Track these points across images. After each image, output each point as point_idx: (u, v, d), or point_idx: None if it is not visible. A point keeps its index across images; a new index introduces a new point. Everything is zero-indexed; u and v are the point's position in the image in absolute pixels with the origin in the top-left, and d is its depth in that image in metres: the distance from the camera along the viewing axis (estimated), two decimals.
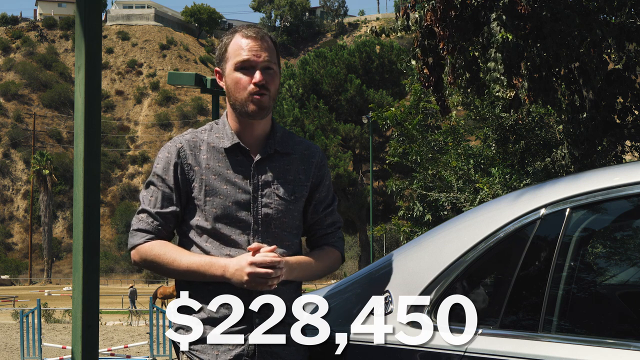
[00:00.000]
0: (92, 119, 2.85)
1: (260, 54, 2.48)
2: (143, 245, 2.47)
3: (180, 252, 2.45)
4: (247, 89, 2.47)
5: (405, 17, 7.74)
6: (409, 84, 14.67)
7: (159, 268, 2.46)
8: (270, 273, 2.33)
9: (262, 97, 2.47)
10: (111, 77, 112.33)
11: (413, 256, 2.55)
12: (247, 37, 2.50)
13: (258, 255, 2.35)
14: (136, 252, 2.49)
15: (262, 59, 2.48)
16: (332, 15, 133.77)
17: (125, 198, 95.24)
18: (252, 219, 2.46)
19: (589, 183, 2.23)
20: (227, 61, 2.51)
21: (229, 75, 2.51)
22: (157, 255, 2.45)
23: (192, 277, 2.42)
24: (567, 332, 2.13)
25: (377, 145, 39.50)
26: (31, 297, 42.00)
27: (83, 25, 2.85)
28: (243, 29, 2.54)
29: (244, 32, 2.52)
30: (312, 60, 42.17)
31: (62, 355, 15.06)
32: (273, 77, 2.50)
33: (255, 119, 2.50)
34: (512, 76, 7.06)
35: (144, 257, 2.47)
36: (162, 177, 2.51)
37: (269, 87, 2.48)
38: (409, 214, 14.44)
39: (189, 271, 2.41)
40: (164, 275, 2.51)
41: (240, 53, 2.48)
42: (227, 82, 2.52)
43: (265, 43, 2.50)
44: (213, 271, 2.38)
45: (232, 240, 2.45)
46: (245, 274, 2.34)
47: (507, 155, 12.34)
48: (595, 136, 8.52)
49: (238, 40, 2.51)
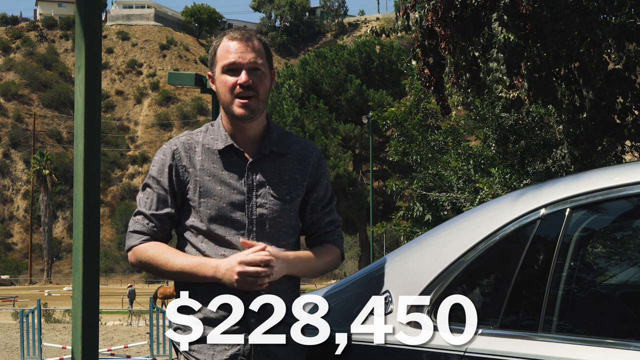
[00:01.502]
0: (92, 119, 2.86)
1: (245, 55, 2.49)
2: (138, 247, 2.49)
3: (174, 253, 2.47)
4: (233, 91, 2.48)
5: (405, 17, 7.74)
6: (409, 84, 14.67)
7: (153, 269, 2.48)
8: (260, 272, 2.33)
9: (249, 100, 2.48)
10: (111, 77, 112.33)
11: (413, 256, 2.55)
12: (233, 40, 2.52)
13: (248, 255, 2.36)
14: (132, 253, 2.51)
15: (247, 61, 2.49)
16: (332, 15, 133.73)
17: (125, 198, 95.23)
18: (247, 219, 2.47)
19: (589, 183, 2.23)
20: (216, 64, 2.54)
21: (218, 78, 2.53)
22: (151, 257, 2.47)
23: (185, 278, 2.43)
24: (567, 332, 2.13)
25: (377, 145, 39.47)
26: (31, 297, 41.99)
27: (83, 25, 2.85)
28: (230, 31, 2.56)
29: (231, 35, 2.53)
30: (312, 60, 42.13)
31: (62, 355, 15.05)
32: (261, 78, 2.50)
33: (244, 122, 2.51)
34: (513, 76, 7.06)
35: (139, 258, 2.49)
36: (157, 179, 2.53)
37: (257, 89, 2.49)
38: (409, 214, 14.44)
39: (181, 272, 2.42)
40: (158, 276, 2.53)
41: (227, 56, 2.50)
42: (217, 85, 2.55)
43: (252, 44, 2.51)
44: (204, 272, 2.39)
45: (227, 240, 2.46)
46: (235, 273, 2.34)
47: (507, 155, 12.34)
48: (595, 136, 8.52)
49: (225, 43, 2.53)
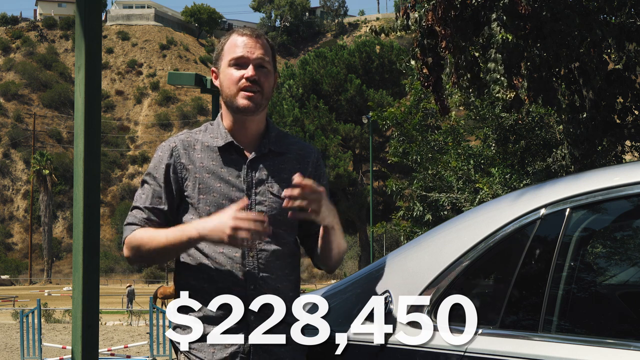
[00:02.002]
0: (92, 119, 2.85)
1: (254, 50, 2.51)
2: (129, 237, 2.49)
3: (159, 230, 2.46)
4: (239, 84, 2.50)
5: (405, 16, 7.74)
6: (409, 84, 14.67)
7: (144, 253, 2.46)
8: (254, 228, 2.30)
9: (255, 94, 2.49)
10: (111, 77, 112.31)
11: (413, 256, 2.55)
12: (242, 35, 2.55)
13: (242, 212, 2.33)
14: (125, 246, 2.51)
15: (255, 56, 2.51)
16: (332, 15, 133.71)
17: (125, 198, 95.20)
18: None
19: (589, 183, 2.22)
20: (223, 59, 2.56)
21: (223, 72, 2.54)
22: (139, 239, 2.46)
23: (173, 250, 2.42)
24: (567, 332, 2.13)
25: (377, 145, 39.46)
26: (31, 297, 41.99)
27: (83, 25, 2.85)
28: (240, 29, 2.59)
29: (240, 31, 2.57)
30: (312, 60, 42.13)
31: (62, 355, 15.05)
32: (267, 75, 2.53)
33: (247, 114, 2.51)
34: (512, 76, 7.05)
35: (130, 246, 2.48)
36: (154, 175, 2.54)
37: (262, 85, 2.50)
38: (409, 214, 14.44)
39: (168, 244, 2.41)
40: (151, 259, 2.49)
41: (235, 50, 2.53)
42: (221, 78, 2.55)
43: (261, 42, 2.54)
44: (188, 233, 2.37)
45: None
46: (227, 227, 2.31)
47: (507, 155, 12.34)
48: (595, 136, 8.51)
49: (234, 38, 2.56)
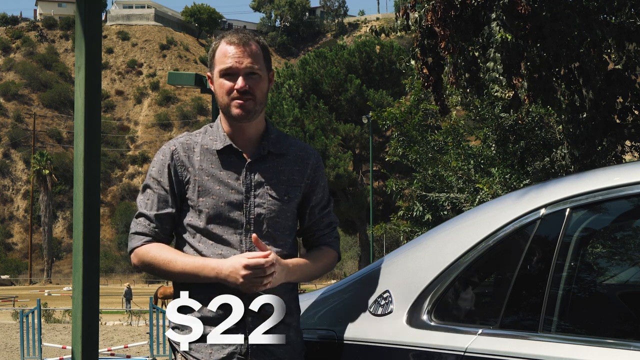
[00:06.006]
0: (92, 119, 2.85)
1: (242, 60, 2.50)
2: (141, 248, 2.51)
3: (175, 254, 2.48)
4: (231, 95, 2.51)
5: (405, 17, 7.73)
6: (409, 84, 14.67)
7: (155, 270, 2.50)
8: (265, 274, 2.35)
9: (247, 102, 2.50)
10: (111, 77, 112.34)
11: (413, 256, 2.55)
12: (230, 44, 2.53)
13: (252, 258, 2.36)
14: (134, 255, 2.52)
15: (244, 66, 2.50)
16: (332, 15, 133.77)
17: (125, 198, 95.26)
18: (245, 218, 2.48)
19: (589, 183, 2.22)
20: (214, 67, 2.56)
21: (216, 81, 2.55)
22: (153, 258, 2.48)
23: (187, 279, 2.44)
24: (567, 332, 2.13)
25: (377, 145, 39.46)
26: (31, 297, 42.00)
27: (83, 25, 2.85)
28: (228, 34, 2.57)
29: (228, 39, 2.55)
30: (312, 60, 42.12)
31: (62, 355, 15.05)
32: (258, 82, 2.52)
33: (242, 122, 2.53)
34: (512, 76, 7.05)
35: (141, 259, 2.51)
36: (158, 179, 2.54)
37: (253, 92, 2.51)
38: (409, 214, 14.45)
39: (183, 273, 2.44)
40: (161, 277, 2.55)
41: (224, 60, 2.52)
42: (214, 87, 2.57)
43: (249, 49, 2.52)
44: (206, 273, 2.41)
45: (225, 239, 2.47)
46: (240, 276, 2.35)
47: (507, 155, 12.34)
48: (595, 136, 8.50)
49: (223, 47, 2.54)
